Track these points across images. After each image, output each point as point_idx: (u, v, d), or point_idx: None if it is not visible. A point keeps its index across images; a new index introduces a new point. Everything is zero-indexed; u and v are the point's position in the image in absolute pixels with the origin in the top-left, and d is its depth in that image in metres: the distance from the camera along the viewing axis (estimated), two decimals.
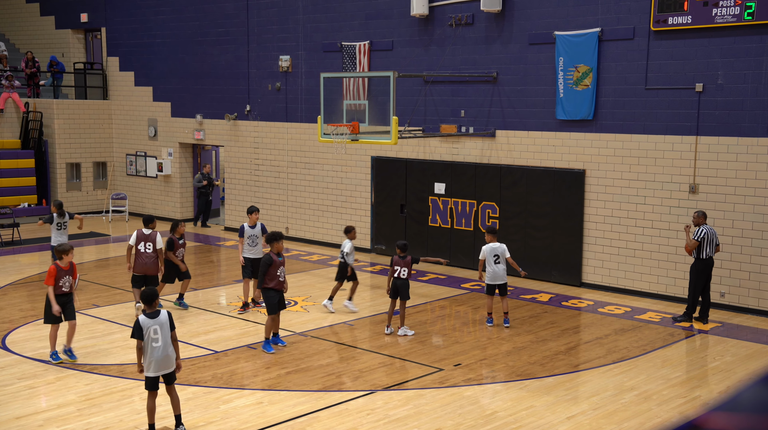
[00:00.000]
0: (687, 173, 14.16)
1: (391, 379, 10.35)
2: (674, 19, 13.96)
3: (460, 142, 17.16)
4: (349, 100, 16.36)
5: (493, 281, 12.62)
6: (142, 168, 24.09)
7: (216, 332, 12.35)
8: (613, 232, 15.14)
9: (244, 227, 13.58)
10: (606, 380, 10.33)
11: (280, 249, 11.31)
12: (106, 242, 20.55)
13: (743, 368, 11.01)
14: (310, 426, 8.73)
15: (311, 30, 19.48)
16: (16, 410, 9.08)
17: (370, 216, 18.80)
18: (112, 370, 10.46)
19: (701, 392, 10.03)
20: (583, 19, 15.15)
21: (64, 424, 8.71)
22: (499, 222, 16.56)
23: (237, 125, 21.45)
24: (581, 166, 15.45)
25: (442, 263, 13.95)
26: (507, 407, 9.39)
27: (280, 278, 11.23)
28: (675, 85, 14.18)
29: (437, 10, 17.15)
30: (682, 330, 12.78)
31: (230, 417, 8.93)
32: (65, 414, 8.99)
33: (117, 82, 24.68)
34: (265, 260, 11.24)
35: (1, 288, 15.12)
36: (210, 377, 10.26)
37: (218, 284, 15.99)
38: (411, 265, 12.21)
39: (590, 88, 15.09)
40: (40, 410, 9.14)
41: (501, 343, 11.92)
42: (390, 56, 17.95)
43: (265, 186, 20.98)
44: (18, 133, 23.69)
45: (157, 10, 23.14)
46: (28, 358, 10.97)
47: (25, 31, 27.43)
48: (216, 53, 21.75)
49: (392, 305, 12.28)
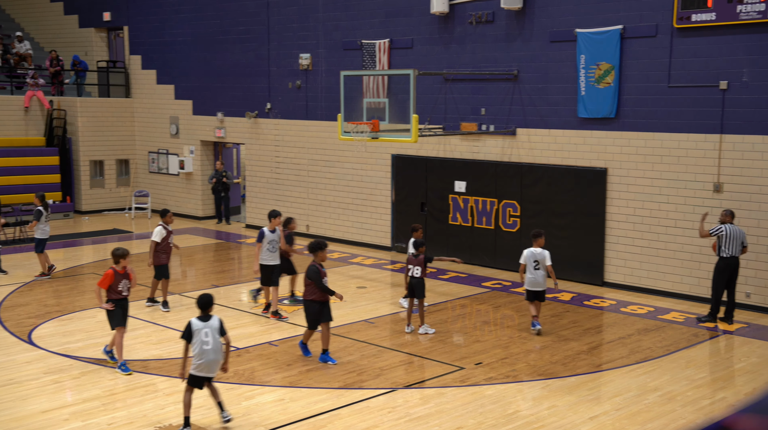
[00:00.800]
0: (711, 172, 14.00)
1: (411, 377, 10.32)
2: (698, 16, 13.80)
3: (480, 140, 17.08)
4: (369, 98, 16.32)
5: (532, 287, 12.10)
6: (164, 166, 24.21)
7: (238, 329, 12.37)
8: (635, 231, 15.00)
9: (265, 232, 12.89)
10: (629, 381, 10.23)
11: (323, 259, 10.68)
12: (128, 239, 20.67)
13: None
14: (331, 423, 8.72)
15: (331, 28, 19.46)
16: (42, 404, 9.16)
17: (391, 214, 18.77)
18: (136, 366, 10.50)
19: (726, 393, 9.91)
20: (604, 17, 15.02)
21: (89, 418, 8.77)
22: (520, 220, 16.48)
23: (258, 123, 21.49)
24: (603, 165, 15.33)
25: (457, 262, 13.86)
26: (528, 406, 9.32)
27: None
28: (699, 83, 14.02)
29: (457, 8, 17.08)
30: (707, 331, 12.64)
31: (252, 413, 8.94)
32: (90, 409, 9.04)
33: (139, 81, 24.82)
34: (314, 270, 10.49)
35: (26, 284, 15.24)
36: (232, 373, 10.28)
37: (239, 281, 16.03)
38: (424, 263, 12.14)
39: (612, 86, 14.96)
40: (66, 404, 9.20)
41: (522, 342, 11.85)
42: (410, 54, 17.90)
43: (286, 184, 21.00)
44: (43, 131, 23.88)
45: (179, 8, 23.23)
46: (53, 353, 11.06)
47: (50, 30, 27.65)
48: (237, 51, 21.80)
49: (410, 303, 12.25)
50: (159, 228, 13.49)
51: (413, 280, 12.09)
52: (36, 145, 23.43)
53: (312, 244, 10.80)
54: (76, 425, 8.60)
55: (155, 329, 12.20)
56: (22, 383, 9.84)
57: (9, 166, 22.39)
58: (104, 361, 10.67)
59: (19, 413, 8.91)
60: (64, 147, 23.90)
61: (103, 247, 19.74)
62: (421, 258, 12.15)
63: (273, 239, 12.91)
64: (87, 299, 14.25)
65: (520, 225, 16.51)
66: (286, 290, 14.05)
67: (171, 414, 8.89)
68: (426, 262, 12.21)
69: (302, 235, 20.51)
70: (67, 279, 15.82)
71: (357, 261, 17.66)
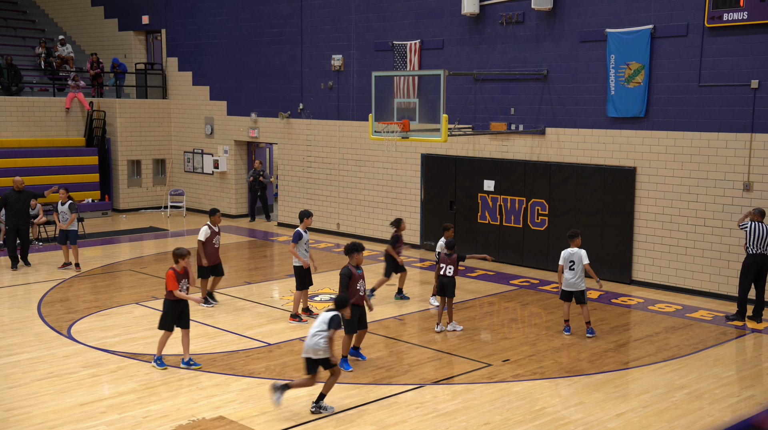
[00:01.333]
0: (741, 171, 13.79)
1: (439, 373, 10.32)
2: (730, 15, 13.60)
3: (509, 139, 17.01)
4: (399, 99, 16.33)
5: (567, 288, 11.87)
6: (199, 165, 24.46)
7: (269, 325, 12.47)
8: (664, 229, 14.83)
9: (302, 233, 12.52)
10: (656, 378, 10.13)
11: (359, 261, 10.33)
12: (164, 237, 20.92)
13: None
14: (360, 418, 8.75)
15: (363, 30, 19.51)
16: (80, 397, 9.31)
17: (420, 213, 18.76)
18: (171, 360, 10.63)
19: (754, 391, 9.76)
20: (635, 16, 14.87)
21: (125, 411, 8.90)
22: (548, 219, 16.38)
23: (290, 123, 21.61)
24: (632, 164, 15.18)
25: (488, 260, 13.80)
26: (556, 403, 9.27)
27: (360, 292, 10.31)
28: (729, 82, 13.82)
29: (488, 9, 17.02)
30: (735, 329, 12.46)
31: (282, 408, 8.99)
32: (126, 402, 9.18)
33: (176, 82, 25.09)
34: (344, 272, 10.26)
35: (66, 280, 15.51)
36: (263, 368, 10.37)
37: (271, 278, 16.14)
38: (457, 262, 12.12)
39: (642, 86, 14.80)
40: (103, 397, 9.35)
41: (550, 339, 11.79)
42: (440, 55, 17.88)
43: (317, 183, 21.10)
44: (83, 131, 24.27)
45: (215, 11, 23.44)
46: (91, 347, 11.23)
47: (90, 34, 28.07)
48: (270, 53, 21.94)
49: (442, 302, 12.24)
50: (205, 227, 13.36)
51: (445, 279, 12.06)
52: (76, 146, 23.81)
53: (348, 246, 10.42)
54: (112, 417, 8.73)
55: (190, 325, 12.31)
56: (62, 376, 10.01)
57: (50, 165, 22.78)
58: (139, 355, 10.81)
59: (59, 405, 9.08)
60: (103, 147, 24.26)
61: (140, 244, 20.02)
62: (454, 257, 12.13)
63: (307, 240, 12.71)
64: (124, 295, 14.47)
65: (549, 224, 16.41)
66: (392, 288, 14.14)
67: (204, 408, 8.99)
68: (459, 260, 12.19)
69: (333, 233, 20.60)
70: (104, 276, 16.06)
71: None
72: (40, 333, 11.92)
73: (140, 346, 11.24)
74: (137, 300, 13.93)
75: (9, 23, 27.98)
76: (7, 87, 23.36)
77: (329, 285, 15.00)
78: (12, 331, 12.01)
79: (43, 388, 9.60)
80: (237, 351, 11.08)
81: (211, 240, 13.33)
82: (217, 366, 10.42)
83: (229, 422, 8.58)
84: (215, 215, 13.49)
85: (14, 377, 9.99)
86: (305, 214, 12.79)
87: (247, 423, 8.56)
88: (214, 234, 13.38)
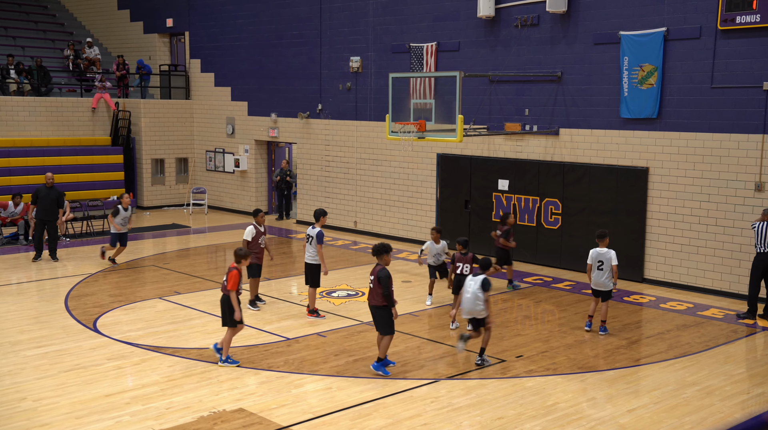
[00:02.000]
0: (753, 171, 13.67)
1: (454, 369, 10.31)
2: (742, 18, 13.47)
3: (524, 140, 16.95)
4: (416, 99, 16.32)
5: (596, 287, 11.80)
6: (221, 164, 24.57)
7: (288, 320, 12.51)
8: (676, 229, 14.73)
9: (322, 233, 12.52)
10: (667, 375, 10.07)
11: (388, 262, 10.05)
12: (186, 234, 21.04)
13: None
14: (376, 412, 8.76)
15: (381, 32, 19.51)
16: (105, 388, 9.39)
17: (435, 211, 18.75)
18: (192, 353, 10.70)
19: (765, 388, 9.68)
20: (648, 19, 14.77)
21: (149, 402, 8.96)
22: (561, 218, 16.31)
23: (309, 123, 21.66)
24: (644, 164, 15.08)
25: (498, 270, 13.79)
26: (568, 398, 9.24)
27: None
28: (741, 84, 13.70)
29: (503, 12, 16.96)
30: (746, 327, 12.36)
31: (301, 401, 9.03)
32: (149, 393, 9.24)
33: (198, 83, 25.22)
34: (387, 274, 9.81)
35: (92, 275, 15.64)
36: (282, 362, 10.41)
37: (291, 274, 16.18)
38: (472, 261, 12.06)
39: (655, 87, 14.70)
40: (127, 389, 9.42)
41: (563, 336, 11.74)
42: (456, 57, 17.84)
43: (335, 181, 21.13)
44: (109, 131, 24.45)
45: (237, 14, 23.53)
46: (116, 340, 11.32)
47: (116, 36, 28.26)
48: (290, 55, 22.00)
49: (456, 300, 12.17)
50: (251, 227, 12.85)
51: (461, 277, 11.89)
52: (102, 145, 23.99)
53: (377, 247, 10.08)
54: (136, 408, 8.80)
55: (210, 319, 12.41)
56: (87, 368, 10.10)
57: (77, 163, 22.97)
58: (162, 348, 10.89)
59: (85, 396, 9.16)
60: (128, 146, 24.43)
61: (163, 241, 20.14)
62: (469, 256, 12.07)
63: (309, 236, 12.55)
64: (147, 289, 14.57)
65: (562, 223, 16.35)
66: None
67: (225, 400, 9.04)
68: (474, 260, 12.05)
69: (350, 231, 20.63)
70: (129, 271, 16.18)
71: (402, 256, 17.70)
72: (67, 326, 12.04)
73: (163, 339, 11.32)
74: (160, 295, 14.03)
75: (39, 26, 28.24)
76: (36, 88, 23.58)
77: (347, 281, 15.03)
78: (40, 324, 12.13)
79: (69, 379, 9.69)
80: (256, 345, 11.13)
81: (257, 240, 12.91)
82: (238, 359, 10.45)
83: (249, 414, 8.62)
84: (259, 215, 13.05)
85: (42, 368, 10.09)
86: (321, 212, 12.75)
87: (266, 415, 8.60)
88: (259, 234, 12.95)
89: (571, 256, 16.09)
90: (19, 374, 9.84)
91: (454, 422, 8.49)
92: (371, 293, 9.95)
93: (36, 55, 25.12)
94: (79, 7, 29.72)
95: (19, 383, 9.54)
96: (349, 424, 8.40)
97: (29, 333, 11.63)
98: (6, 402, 8.91)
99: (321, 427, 8.32)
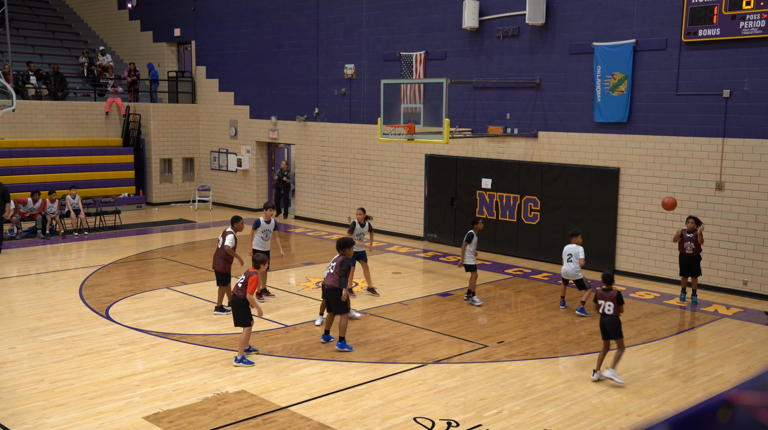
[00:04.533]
0: (714, 172, 13.73)
1: (441, 353, 10.32)
2: (704, 31, 13.51)
3: (505, 142, 16.96)
4: (406, 104, 16.30)
5: (564, 276, 12.41)
6: (224, 163, 24.49)
7: (287, 308, 12.49)
8: (644, 224, 14.79)
9: (260, 221, 12.49)
10: (636, 359, 10.11)
11: (350, 255, 10.51)
12: (192, 228, 20.97)
13: (764, 349, 10.65)
14: (368, 393, 8.76)
15: (373, 41, 19.47)
16: (117, 371, 9.35)
17: (424, 208, 18.75)
18: (197, 339, 10.67)
19: (724, 371, 9.74)
20: (619, 32, 14.79)
21: (157, 385, 8.93)
22: (540, 214, 16.34)
23: (307, 126, 21.61)
24: (616, 165, 15.12)
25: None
26: (545, 380, 9.26)
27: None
28: (704, 92, 13.74)
29: (486, 24, 16.95)
30: (707, 314, 12.42)
31: (298, 383, 9.02)
32: (158, 376, 9.21)
33: (204, 88, 25.11)
34: (349, 264, 10.26)
35: (104, 266, 15.57)
36: (281, 347, 10.39)
37: (289, 266, 16.16)
38: (617, 300, 9.27)
39: (625, 94, 14.74)
40: (137, 372, 9.38)
41: (541, 323, 11.77)
42: (443, 65, 17.83)
43: (330, 180, 21.10)
44: (120, 132, 24.32)
45: (240, 25, 23.44)
46: (127, 327, 11.28)
47: (128, 45, 28.10)
48: (289, 62, 21.93)
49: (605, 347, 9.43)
50: (231, 236, 11.75)
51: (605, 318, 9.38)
52: (114, 145, 23.86)
53: (341, 241, 10.51)
54: (146, 390, 8.77)
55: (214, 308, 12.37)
56: (101, 353, 10.06)
57: (91, 163, 22.84)
58: (170, 334, 10.85)
59: (98, 378, 9.12)
60: (139, 147, 24.31)
61: (170, 235, 20.07)
62: (613, 293, 9.32)
63: (267, 229, 12.54)
64: (156, 280, 14.51)
65: (540, 219, 16.38)
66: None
67: (227, 382, 9.02)
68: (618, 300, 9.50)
69: (345, 226, 20.61)
70: (139, 262, 16.12)
71: (393, 250, 17.70)
72: (82, 313, 11.98)
73: (170, 326, 11.29)
74: (168, 285, 13.99)
75: (56, 35, 28.04)
76: (53, 93, 23.42)
77: None
78: (56, 311, 12.07)
79: (84, 363, 9.65)
80: (257, 332, 11.10)
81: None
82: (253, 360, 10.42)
83: (250, 396, 8.61)
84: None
85: (59, 352, 10.04)
86: (265, 206, 12.72)
87: (266, 397, 8.59)
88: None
89: (549, 249, 16.13)
90: (37, 358, 9.79)
91: (440, 402, 8.50)
92: (330, 276, 10.23)
93: (53, 62, 24.95)
94: (93, 17, 29.52)
95: (37, 366, 9.50)
96: (343, 404, 8.40)
97: (47, 320, 11.57)
98: (25, 384, 8.87)
99: (317, 407, 8.31)
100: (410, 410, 8.23)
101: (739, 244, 13.46)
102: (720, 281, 13.75)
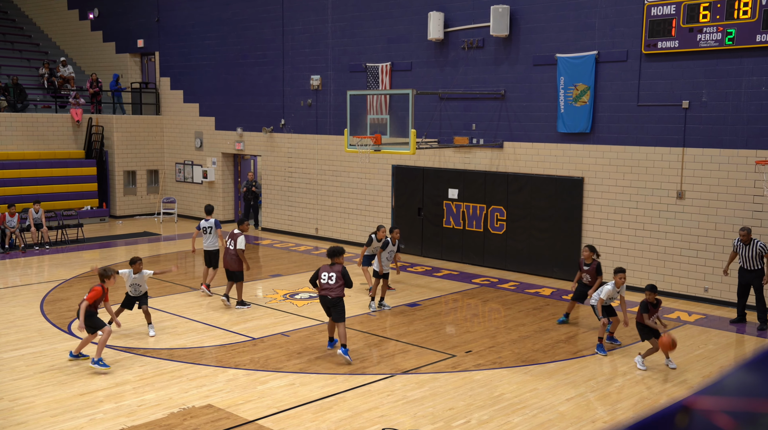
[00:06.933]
0: (674, 181, 14.01)
1: (409, 364, 10.32)
2: (663, 44, 13.82)
3: (471, 152, 17.10)
4: (372, 115, 16.35)
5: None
6: (189, 175, 24.26)
7: (253, 321, 12.39)
8: (608, 233, 15.01)
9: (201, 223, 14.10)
10: (602, 366, 10.23)
11: (341, 262, 10.27)
12: (157, 241, 20.71)
13: (724, 355, 10.87)
14: (336, 405, 8.72)
15: (339, 53, 19.51)
16: (79, 388, 9.17)
17: (391, 218, 18.78)
18: (163, 354, 10.52)
19: (687, 376, 9.91)
20: (581, 43, 15.05)
21: (121, 400, 8.78)
22: (506, 224, 16.49)
23: (273, 137, 21.53)
24: (580, 174, 15.34)
25: None
26: (513, 389, 9.33)
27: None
28: (664, 102, 14.04)
29: (451, 35, 17.11)
30: (670, 321, 12.62)
31: (266, 397, 8.95)
32: (122, 391, 9.06)
33: (168, 100, 24.88)
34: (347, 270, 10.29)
35: (66, 280, 15.28)
36: (248, 360, 10.30)
37: (256, 278, 16.04)
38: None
39: (588, 105, 14.98)
40: (101, 388, 9.21)
41: (508, 332, 11.86)
42: (409, 76, 17.93)
43: (298, 191, 21.03)
44: (83, 144, 23.95)
45: (204, 36, 23.30)
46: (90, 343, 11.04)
47: (90, 56, 27.74)
48: (255, 74, 21.85)
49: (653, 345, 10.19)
50: (242, 238, 12.83)
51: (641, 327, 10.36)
52: (76, 158, 23.49)
53: (333, 249, 10.32)
54: (109, 406, 8.61)
55: (180, 321, 12.23)
56: (62, 369, 9.86)
57: (52, 176, 22.46)
58: (134, 349, 10.68)
59: (60, 395, 8.93)
60: (102, 159, 23.96)
61: (135, 248, 19.78)
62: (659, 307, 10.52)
63: (208, 227, 13.95)
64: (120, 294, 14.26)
65: (506, 228, 16.53)
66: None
67: (194, 397, 8.90)
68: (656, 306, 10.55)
69: (311, 237, 20.54)
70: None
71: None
72: (43, 329, 11.73)
73: (134, 341, 11.11)
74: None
75: (15, 46, 27.56)
76: (13, 104, 22.99)
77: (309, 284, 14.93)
78: (17, 327, 11.81)
79: (45, 379, 9.45)
80: (224, 345, 11.00)
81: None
82: (206, 359, 10.33)
83: (217, 410, 8.51)
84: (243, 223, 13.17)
85: (19, 369, 9.82)
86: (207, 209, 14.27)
87: (233, 411, 8.50)
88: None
89: (515, 259, 16.27)
90: None
91: (409, 413, 8.49)
92: (332, 288, 10.09)
93: (12, 74, 24.49)
94: (53, 28, 29.09)
95: None
96: (312, 417, 8.35)
97: (6, 337, 11.30)
98: None
99: (285, 420, 8.25)
100: (379, 421, 8.22)
101: (700, 251, 13.74)
102: (682, 289, 14.01)
